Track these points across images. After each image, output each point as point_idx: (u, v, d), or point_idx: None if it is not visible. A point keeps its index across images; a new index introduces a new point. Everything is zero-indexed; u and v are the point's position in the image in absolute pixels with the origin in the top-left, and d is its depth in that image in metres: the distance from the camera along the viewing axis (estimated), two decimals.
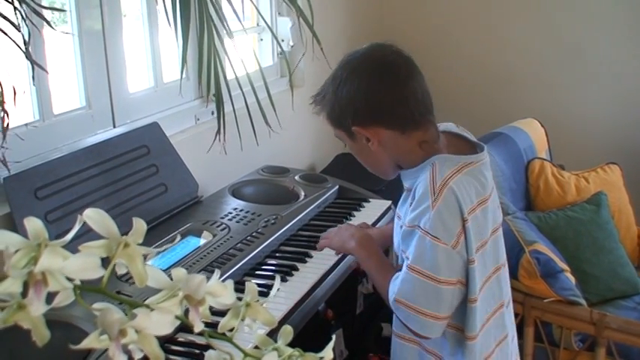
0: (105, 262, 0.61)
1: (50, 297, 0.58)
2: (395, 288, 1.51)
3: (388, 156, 1.58)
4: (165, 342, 1.52)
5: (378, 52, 1.59)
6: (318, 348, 0.73)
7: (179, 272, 0.65)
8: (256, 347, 0.73)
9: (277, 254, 2.05)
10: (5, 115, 1.58)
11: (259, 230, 2.09)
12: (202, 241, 1.98)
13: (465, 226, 1.46)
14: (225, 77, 1.96)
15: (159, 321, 0.59)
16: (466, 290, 1.50)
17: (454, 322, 1.54)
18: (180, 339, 1.56)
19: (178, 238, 0.94)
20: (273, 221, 2.15)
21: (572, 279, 2.41)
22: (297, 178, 2.53)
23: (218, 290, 0.64)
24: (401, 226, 1.56)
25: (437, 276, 1.46)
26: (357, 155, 1.65)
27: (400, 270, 1.53)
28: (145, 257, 0.64)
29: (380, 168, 1.64)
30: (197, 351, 1.53)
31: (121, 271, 0.63)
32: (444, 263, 1.46)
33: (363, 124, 1.55)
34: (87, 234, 0.61)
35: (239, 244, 1.99)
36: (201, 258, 1.89)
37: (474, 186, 1.50)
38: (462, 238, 1.46)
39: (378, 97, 1.53)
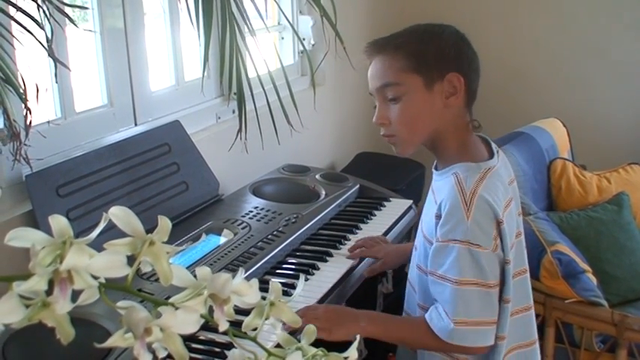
0: (129, 260, 0.60)
1: (73, 295, 0.57)
2: (445, 313, 1.47)
3: (440, 122, 1.54)
4: (186, 340, 1.52)
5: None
6: (340, 347, 0.72)
7: (204, 271, 0.65)
8: (277, 346, 0.73)
9: (298, 253, 2.04)
10: (28, 112, 1.58)
11: (280, 229, 2.08)
12: (223, 240, 1.98)
13: (501, 228, 1.45)
14: (247, 75, 1.96)
15: (184, 320, 0.59)
16: (500, 290, 1.49)
17: None
18: (200, 337, 1.56)
19: (204, 236, 0.94)
20: (294, 220, 2.14)
21: (594, 280, 2.38)
22: (317, 177, 2.52)
23: (243, 289, 0.64)
24: (428, 240, 1.55)
25: (487, 281, 1.45)
26: (404, 111, 1.53)
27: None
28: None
29: (416, 134, 1.56)
30: (217, 349, 1.53)
31: (145, 269, 0.63)
32: (489, 268, 1.45)
33: (462, 70, 1.52)
34: (108, 231, 0.60)
35: (260, 243, 1.98)
36: (222, 256, 1.88)
37: (499, 189, 1.49)
38: (498, 241, 1.46)
39: (471, 55, 1.55)
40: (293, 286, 1.76)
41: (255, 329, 0.72)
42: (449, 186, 1.49)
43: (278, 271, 1.93)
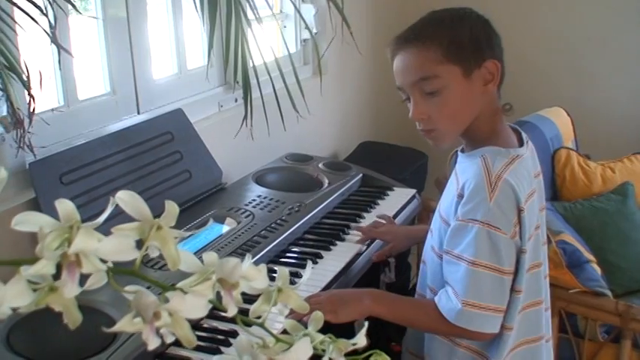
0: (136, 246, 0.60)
1: (80, 281, 0.57)
2: (454, 294, 1.46)
3: (477, 109, 1.52)
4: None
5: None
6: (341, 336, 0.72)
7: (211, 256, 0.65)
8: (283, 333, 0.72)
9: (301, 242, 2.04)
10: (31, 99, 1.58)
11: (283, 218, 2.08)
12: (226, 228, 1.98)
13: (521, 216, 1.45)
14: (253, 63, 1.95)
15: (193, 304, 0.58)
16: (512, 280, 1.48)
17: None
18: (204, 325, 1.56)
19: (211, 221, 0.93)
20: (297, 209, 2.14)
21: (598, 270, 2.38)
22: (320, 165, 2.52)
23: (252, 274, 0.63)
24: (445, 221, 1.54)
25: (502, 267, 1.44)
26: (445, 104, 1.48)
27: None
28: None
29: (458, 125, 1.53)
30: (221, 337, 1.53)
31: (153, 254, 0.63)
32: (505, 253, 1.44)
33: (496, 55, 1.50)
34: (114, 218, 0.60)
35: (263, 232, 1.98)
36: (226, 245, 1.88)
37: (524, 178, 1.48)
38: (517, 228, 1.45)
39: (498, 37, 1.54)
40: (297, 275, 1.76)
41: (259, 317, 0.71)
42: (475, 167, 1.48)
43: (281, 259, 1.93)
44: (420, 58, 1.48)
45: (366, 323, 0.75)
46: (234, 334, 1.53)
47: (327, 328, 0.74)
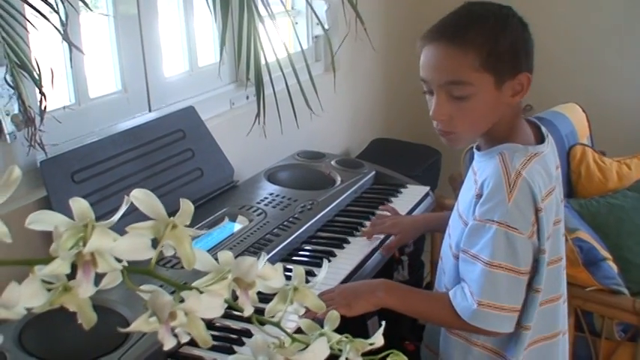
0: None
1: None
2: (470, 293, 1.46)
3: (499, 116, 1.50)
4: None
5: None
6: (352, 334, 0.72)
7: (226, 255, 0.64)
8: (297, 331, 0.72)
9: (314, 240, 2.03)
10: (43, 97, 1.58)
11: (296, 216, 2.07)
12: (238, 227, 1.98)
13: (539, 216, 1.44)
14: (266, 59, 1.95)
15: (209, 304, 0.58)
16: (530, 280, 1.48)
17: None
18: (216, 324, 1.56)
19: (226, 219, 0.93)
20: (309, 207, 2.14)
21: (615, 267, 2.37)
22: (333, 163, 2.51)
23: (268, 273, 0.63)
24: (464, 221, 1.54)
25: (518, 267, 1.44)
26: (471, 110, 1.47)
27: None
28: None
29: (478, 131, 1.53)
30: (234, 336, 1.53)
31: (168, 253, 0.62)
32: (522, 254, 1.44)
33: (529, 67, 1.49)
34: (127, 217, 0.60)
35: (275, 230, 1.98)
36: (238, 243, 1.88)
37: (542, 176, 1.47)
38: (535, 228, 1.45)
39: (532, 43, 1.52)
40: (310, 274, 1.76)
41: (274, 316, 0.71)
42: (493, 165, 1.47)
43: (294, 258, 1.93)
44: (455, 62, 1.44)
45: (384, 323, 0.75)
46: (247, 333, 1.53)
47: (340, 325, 0.74)
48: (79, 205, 0.58)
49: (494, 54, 1.43)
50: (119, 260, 0.56)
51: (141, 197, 0.60)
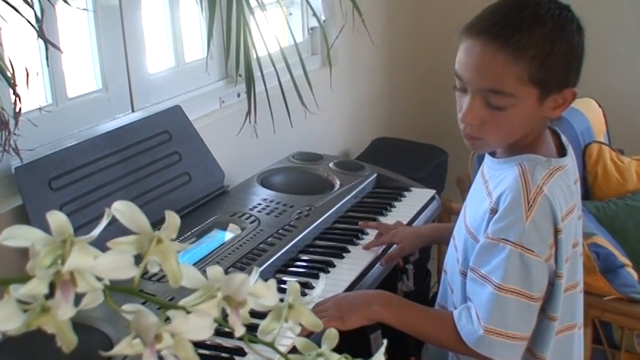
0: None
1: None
2: (476, 317, 1.44)
3: (532, 126, 1.48)
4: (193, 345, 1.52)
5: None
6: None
7: (215, 270, 0.64)
8: (292, 351, 0.72)
9: (311, 249, 2.04)
10: (17, 98, 1.58)
11: (292, 223, 2.08)
12: (229, 236, 1.98)
13: (558, 238, 1.42)
14: (257, 54, 1.95)
15: (197, 325, 0.58)
16: (545, 307, 1.47)
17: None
18: (207, 342, 1.56)
19: (216, 228, 0.93)
20: (306, 213, 2.14)
21: (634, 275, 2.37)
22: (331, 165, 2.51)
23: (261, 290, 0.63)
24: (473, 236, 1.52)
25: (531, 293, 1.41)
26: (507, 122, 1.44)
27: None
28: None
29: (508, 141, 1.50)
30: (225, 354, 1.53)
31: (153, 269, 0.62)
32: (537, 279, 1.41)
33: (577, 82, 1.47)
34: (107, 228, 0.60)
35: (270, 239, 1.98)
36: (229, 254, 1.88)
37: (564, 192, 1.46)
38: (553, 250, 1.43)
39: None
40: (307, 286, 1.76)
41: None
42: (512, 177, 1.44)
43: (290, 269, 1.93)
44: (501, 69, 1.39)
45: (385, 341, 0.75)
46: (240, 351, 1.53)
47: (341, 339, 0.74)
48: (57, 219, 0.58)
49: (547, 67, 1.39)
50: (100, 279, 0.57)
51: (123, 210, 0.60)
